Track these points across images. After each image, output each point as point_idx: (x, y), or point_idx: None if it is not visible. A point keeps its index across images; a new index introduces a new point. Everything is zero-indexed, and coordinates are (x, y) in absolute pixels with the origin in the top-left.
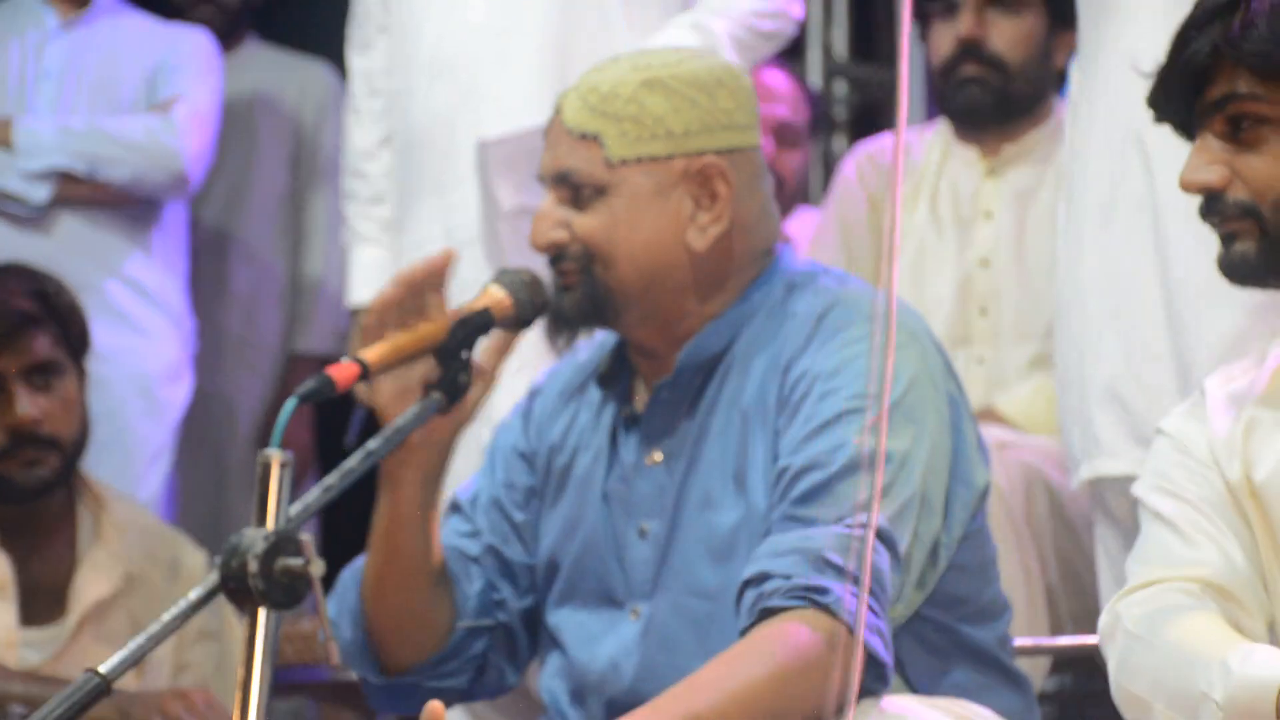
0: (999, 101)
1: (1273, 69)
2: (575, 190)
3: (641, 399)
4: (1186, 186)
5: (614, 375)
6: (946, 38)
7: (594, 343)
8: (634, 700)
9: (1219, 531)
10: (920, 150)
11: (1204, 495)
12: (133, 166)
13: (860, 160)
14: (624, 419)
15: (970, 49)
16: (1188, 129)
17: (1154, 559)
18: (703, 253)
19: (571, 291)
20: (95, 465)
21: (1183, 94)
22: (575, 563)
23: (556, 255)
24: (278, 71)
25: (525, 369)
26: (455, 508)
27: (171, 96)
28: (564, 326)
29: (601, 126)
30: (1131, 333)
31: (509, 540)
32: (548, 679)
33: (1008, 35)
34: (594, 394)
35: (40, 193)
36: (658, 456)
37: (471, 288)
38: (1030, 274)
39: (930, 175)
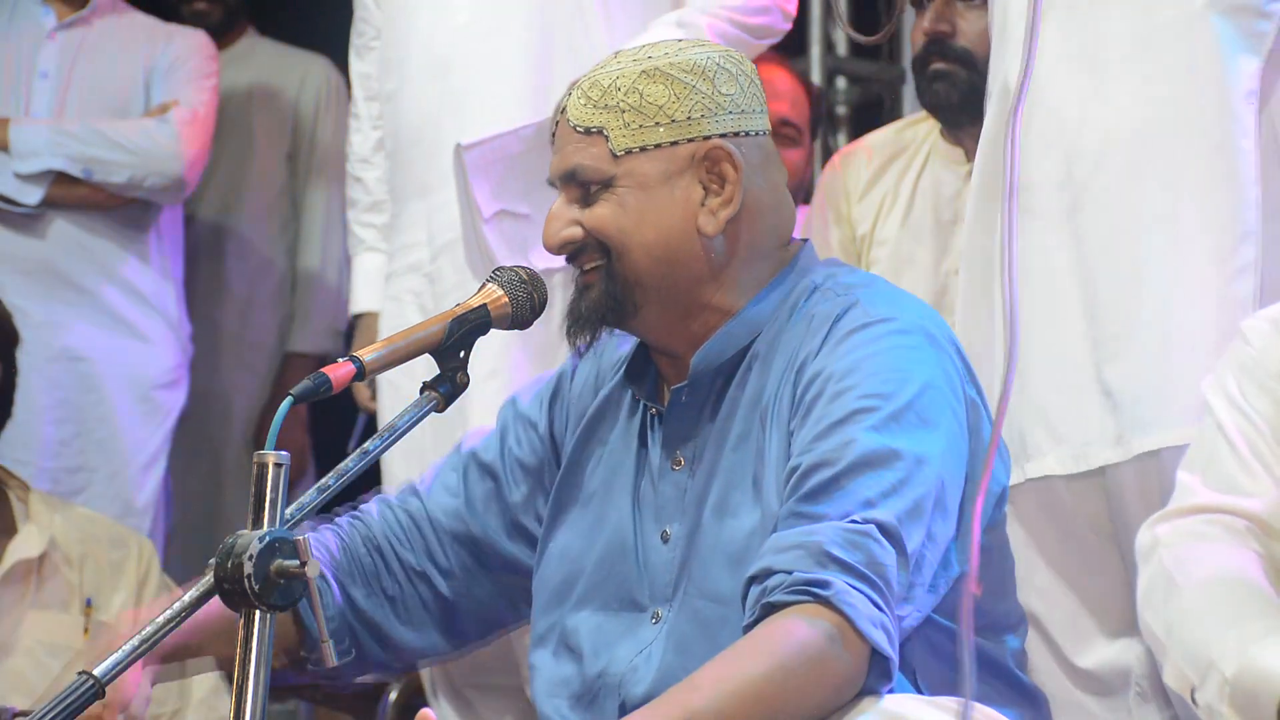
0: (968, 97)
1: None
2: (584, 186)
3: (666, 398)
4: None
5: (640, 372)
6: (918, 33)
7: (628, 339)
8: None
9: (1276, 460)
10: (910, 146)
11: (1267, 414)
12: (130, 170)
13: (833, 166)
14: (652, 417)
15: (936, 44)
16: None
17: (1208, 475)
18: (714, 236)
19: (591, 290)
20: (92, 467)
21: None
22: (598, 564)
23: (573, 253)
24: (276, 65)
25: (498, 374)
26: (463, 463)
27: (169, 100)
28: (584, 326)
29: (605, 120)
30: (1050, 335)
31: (488, 514)
32: (546, 684)
33: (976, 27)
34: (627, 394)
35: (33, 195)
36: (680, 460)
37: (453, 290)
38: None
39: (912, 174)
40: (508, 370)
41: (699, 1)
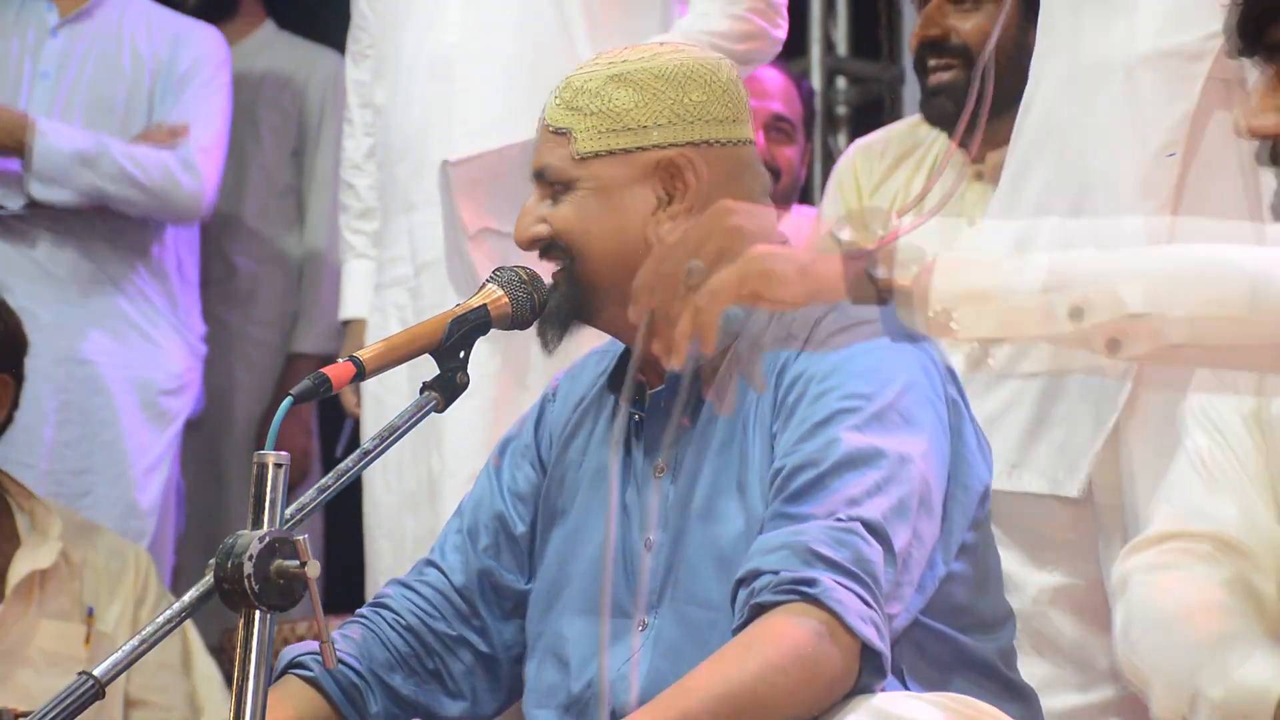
0: (965, 103)
1: None
2: (551, 186)
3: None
4: (1252, 132)
5: (622, 378)
6: (913, 39)
7: (612, 352)
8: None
9: (1246, 476)
10: (922, 144)
11: (1234, 429)
12: (146, 207)
13: (848, 157)
14: (635, 423)
15: (931, 45)
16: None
17: (1176, 505)
18: None
19: (557, 288)
20: (97, 470)
21: (1246, 31)
22: (583, 573)
23: (543, 250)
24: (284, 60)
25: (473, 394)
26: (466, 517)
27: (181, 122)
28: (551, 324)
29: (572, 121)
30: None
31: (501, 557)
32: (534, 694)
33: (968, 25)
34: (609, 401)
35: (15, 200)
36: (662, 466)
37: (434, 310)
38: None
39: (922, 173)
40: (486, 388)
41: (684, 26)
